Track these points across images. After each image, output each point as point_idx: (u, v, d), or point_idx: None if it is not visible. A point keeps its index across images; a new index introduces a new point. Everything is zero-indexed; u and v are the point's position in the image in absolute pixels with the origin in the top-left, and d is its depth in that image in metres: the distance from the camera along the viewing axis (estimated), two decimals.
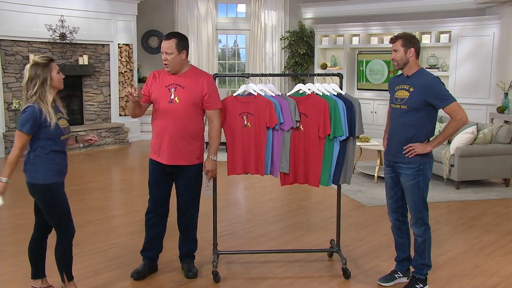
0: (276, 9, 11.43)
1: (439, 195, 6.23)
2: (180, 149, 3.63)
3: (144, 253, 3.89)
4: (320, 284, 3.77)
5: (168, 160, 3.65)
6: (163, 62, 3.60)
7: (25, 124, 3.09)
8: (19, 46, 8.66)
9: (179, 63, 3.59)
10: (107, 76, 10.04)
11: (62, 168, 3.27)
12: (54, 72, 3.17)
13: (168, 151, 3.63)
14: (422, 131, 3.49)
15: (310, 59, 11.32)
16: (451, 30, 9.36)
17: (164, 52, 3.55)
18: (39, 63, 3.14)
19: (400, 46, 3.47)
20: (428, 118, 3.49)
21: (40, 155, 3.16)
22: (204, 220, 4.81)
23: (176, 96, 3.59)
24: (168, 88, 3.62)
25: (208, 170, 3.70)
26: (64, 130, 3.23)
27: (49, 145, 3.17)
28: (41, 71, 3.12)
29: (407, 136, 3.49)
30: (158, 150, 3.68)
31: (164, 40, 3.58)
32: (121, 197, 6.52)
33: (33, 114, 3.08)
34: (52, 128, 3.12)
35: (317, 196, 6.23)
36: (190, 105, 3.60)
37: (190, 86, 3.60)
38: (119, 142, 9.82)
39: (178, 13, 11.20)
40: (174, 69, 3.61)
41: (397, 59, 3.49)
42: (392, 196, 3.70)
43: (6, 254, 4.28)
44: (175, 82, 3.61)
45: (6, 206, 5.94)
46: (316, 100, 3.73)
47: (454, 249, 4.48)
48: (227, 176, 3.92)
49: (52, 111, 3.15)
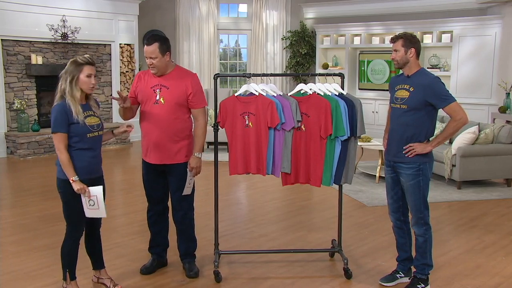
0: (278, 9, 11.43)
1: (441, 195, 6.23)
2: (167, 148, 3.68)
3: (151, 250, 3.99)
4: (321, 284, 3.77)
5: (156, 160, 3.71)
6: (149, 66, 3.63)
7: (55, 126, 3.18)
8: (21, 46, 8.67)
9: (164, 65, 3.63)
10: (109, 76, 10.05)
11: (87, 166, 3.28)
12: (83, 74, 3.22)
13: (155, 151, 3.69)
14: (422, 130, 3.49)
15: (311, 59, 11.32)
16: (453, 30, 9.35)
17: (149, 57, 3.58)
18: (77, 60, 3.24)
19: (401, 46, 3.47)
20: (428, 117, 3.49)
21: (70, 152, 3.22)
22: (205, 219, 4.82)
23: (161, 97, 3.63)
24: (153, 89, 3.66)
25: (193, 167, 3.72)
26: (91, 127, 3.27)
27: (75, 142, 3.22)
28: (73, 68, 3.21)
29: (407, 135, 3.49)
30: (146, 151, 3.75)
31: (147, 46, 3.58)
32: (123, 197, 6.53)
33: (60, 111, 3.17)
34: (79, 125, 3.19)
35: (319, 196, 6.23)
36: (175, 105, 3.64)
37: (174, 87, 3.65)
38: (121, 142, 9.83)
39: (179, 13, 11.21)
40: (160, 72, 3.65)
41: (397, 59, 3.50)
42: (392, 196, 3.70)
43: (7, 254, 4.29)
44: (159, 83, 3.65)
45: (8, 205, 5.99)
46: (317, 100, 3.73)
47: (455, 249, 4.47)
48: (228, 176, 3.92)
49: (81, 108, 3.21)
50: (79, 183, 3.19)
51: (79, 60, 3.24)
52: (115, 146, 9.67)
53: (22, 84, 8.76)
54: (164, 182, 3.83)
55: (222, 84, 11.93)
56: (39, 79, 8.85)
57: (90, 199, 3.23)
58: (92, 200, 3.23)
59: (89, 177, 3.29)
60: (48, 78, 8.62)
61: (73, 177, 3.18)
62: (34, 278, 3.78)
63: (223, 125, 3.80)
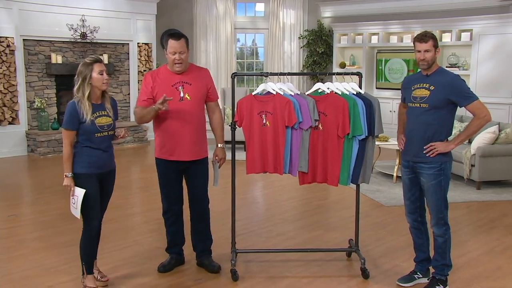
0: (295, 8, 11.40)
1: (460, 195, 6.16)
2: (198, 143, 3.72)
3: (170, 250, 3.99)
4: (338, 283, 3.76)
5: (186, 156, 3.70)
6: (176, 61, 3.60)
7: (65, 122, 3.33)
8: (41, 46, 8.80)
9: (187, 61, 3.68)
10: (127, 75, 10.14)
11: (96, 161, 3.40)
12: (95, 72, 3.33)
13: (186, 148, 3.68)
14: (443, 129, 3.45)
15: (328, 58, 11.27)
16: (473, 28, 9.22)
17: (178, 52, 3.58)
18: (85, 62, 3.36)
19: (432, 46, 3.39)
20: (449, 116, 3.45)
21: (77, 149, 3.37)
22: (222, 218, 4.84)
23: (185, 93, 3.65)
24: (175, 87, 3.65)
25: (221, 157, 3.81)
26: (100, 127, 3.37)
27: (83, 140, 3.36)
28: (84, 69, 3.33)
29: (428, 135, 3.45)
30: (172, 149, 3.70)
31: (175, 41, 3.59)
32: (140, 195, 6.59)
33: (70, 110, 3.31)
34: (87, 124, 3.30)
35: (336, 195, 6.21)
36: (200, 100, 3.71)
37: (196, 82, 3.69)
38: (138, 141, 9.91)
39: (197, 12, 11.25)
40: (184, 67, 3.67)
41: (429, 59, 3.40)
42: (410, 197, 3.66)
43: (29, 250, 4.36)
44: (181, 80, 3.66)
45: (30, 203, 6.08)
46: (335, 99, 3.72)
47: (475, 250, 4.42)
48: (245, 174, 3.93)
49: (91, 108, 3.31)
50: (69, 180, 3.34)
51: (87, 60, 3.38)
52: (132, 145, 9.76)
53: (42, 83, 8.90)
54: (182, 180, 3.86)
55: (238, 83, 11.95)
56: (58, 78, 8.98)
57: (72, 197, 3.37)
58: (74, 199, 3.37)
59: (99, 172, 3.41)
60: (67, 77, 8.71)
61: (67, 172, 3.33)
62: (55, 274, 3.84)
63: (241, 124, 3.81)
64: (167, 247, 4.00)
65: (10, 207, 5.67)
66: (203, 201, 3.89)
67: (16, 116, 8.53)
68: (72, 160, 3.34)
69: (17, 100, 8.49)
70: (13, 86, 8.40)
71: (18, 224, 5.12)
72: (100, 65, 3.38)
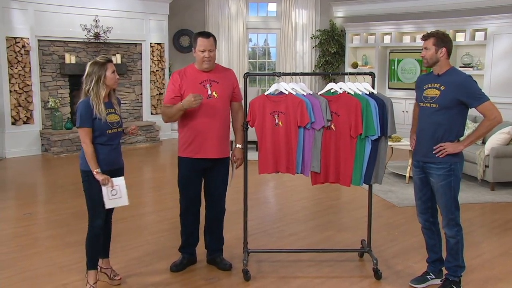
0: (307, 8, 11.38)
1: (473, 196, 6.10)
2: (222, 141, 3.78)
3: (183, 250, 4.00)
4: (350, 284, 3.75)
5: (213, 153, 3.74)
6: (205, 59, 3.66)
7: (81, 120, 3.37)
8: (55, 46, 8.89)
9: (215, 59, 3.74)
10: (139, 75, 10.20)
11: (106, 158, 3.44)
12: (108, 72, 3.41)
13: (214, 145, 3.73)
14: (453, 130, 3.43)
15: (340, 58, 11.23)
16: (487, 27, 9.13)
17: (207, 50, 3.65)
18: (97, 61, 3.42)
19: (432, 45, 3.41)
20: (459, 117, 3.43)
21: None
22: (234, 218, 4.84)
23: (213, 91, 3.70)
24: (203, 85, 3.70)
25: (238, 158, 3.85)
26: (111, 124, 3.43)
27: (95, 137, 3.40)
28: (97, 69, 3.39)
29: (438, 135, 3.43)
30: (199, 147, 3.72)
31: (204, 39, 3.65)
32: (152, 194, 6.62)
33: (85, 108, 3.36)
34: (100, 121, 3.37)
35: (348, 195, 6.19)
36: (226, 98, 3.77)
37: (223, 81, 3.76)
38: (151, 140, 9.96)
39: (209, 12, 11.28)
40: (212, 65, 3.73)
41: (427, 57, 3.45)
42: (421, 197, 3.64)
43: (43, 248, 4.41)
44: (208, 78, 3.72)
45: (43, 201, 6.15)
46: (347, 99, 3.71)
47: (489, 252, 4.38)
48: (257, 174, 3.93)
49: (104, 106, 3.38)
50: (102, 174, 3.37)
51: (100, 60, 3.43)
52: (145, 144, 9.81)
53: (56, 83, 8.98)
54: (202, 181, 3.89)
55: (250, 83, 11.96)
56: (72, 78, 9.05)
57: (113, 189, 3.40)
58: (115, 190, 3.40)
59: (109, 169, 3.46)
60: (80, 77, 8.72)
61: (96, 169, 3.36)
62: (68, 273, 3.88)
63: (253, 124, 3.81)
64: (180, 246, 4.01)
65: (25, 206, 5.74)
66: (221, 202, 3.92)
67: (31, 115, 8.62)
68: (96, 157, 3.37)
69: (32, 100, 8.58)
70: (28, 86, 8.49)
71: (32, 222, 5.18)
72: (112, 64, 3.46)
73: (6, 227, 4.98)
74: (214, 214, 3.92)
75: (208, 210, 3.93)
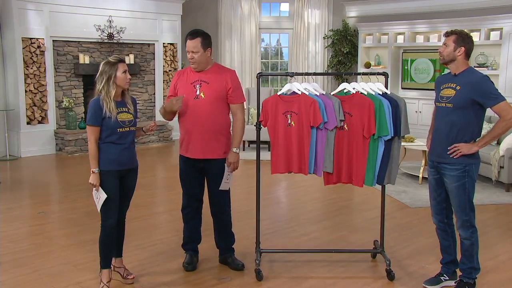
0: (320, 7, 11.36)
1: (488, 197, 6.04)
2: (207, 143, 3.73)
3: (186, 246, 4.04)
4: (363, 285, 3.73)
5: (197, 154, 3.75)
6: (190, 60, 3.70)
7: (89, 118, 3.41)
8: (70, 46, 8.97)
9: (205, 60, 3.71)
10: (152, 75, 10.25)
11: (117, 158, 3.46)
12: (119, 72, 3.42)
13: (197, 145, 3.74)
14: (468, 130, 3.39)
15: (353, 58, 11.19)
16: (503, 27, 9.02)
17: (190, 51, 3.65)
18: (109, 61, 3.45)
19: (452, 42, 3.39)
20: (474, 117, 3.39)
21: (100, 145, 3.44)
22: (246, 218, 4.85)
23: (201, 91, 3.70)
24: (193, 85, 3.73)
25: (231, 162, 3.78)
26: (122, 123, 3.44)
27: (105, 136, 3.42)
28: (108, 68, 3.42)
29: (452, 135, 3.40)
30: (187, 146, 3.79)
31: (189, 40, 3.66)
32: (165, 194, 6.65)
33: (94, 106, 3.39)
34: (110, 119, 3.38)
35: (361, 196, 6.16)
36: (215, 100, 3.71)
37: (214, 81, 3.72)
38: (163, 140, 10.00)
39: (221, 12, 11.30)
40: (200, 67, 3.71)
41: (444, 54, 3.42)
42: (435, 197, 3.61)
43: (57, 247, 4.46)
44: (199, 79, 3.72)
45: (58, 200, 6.21)
46: (361, 99, 3.69)
47: (504, 253, 4.33)
48: (269, 174, 3.93)
49: (115, 105, 3.40)
50: (95, 176, 3.39)
51: (111, 60, 3.45)
52: (157, 144, 9.86)
53: (70, 83, 9.06)
54: (202, 179, 3.90)
55: (263, 83, 11.95)
56: (86, 78, 9.12)
57: (96, 193, 3.44)
58: (97, 196, 3.44)
59: (120, 169, 3.48)
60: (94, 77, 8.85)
61: (94, 168, 3.39)
62: (83, 271, 3.91)
63: (265, 124, 3.81)
64: (183, 243, 4.05)
65: (39, 205, 5.81)
66: (220, 201, 3.91)
67: (45, 115, 8.71)
68: (98, 156, 3.40)
69: (46, 100, 8.67)
70: (43, 86, 8.58)
71: (47, 221, 5.24)
72: (124, 64, 3.47)
73: (21, 226, 5.04)
74: (214, 213, 3.95)
75: (210, 209, 3.97)
